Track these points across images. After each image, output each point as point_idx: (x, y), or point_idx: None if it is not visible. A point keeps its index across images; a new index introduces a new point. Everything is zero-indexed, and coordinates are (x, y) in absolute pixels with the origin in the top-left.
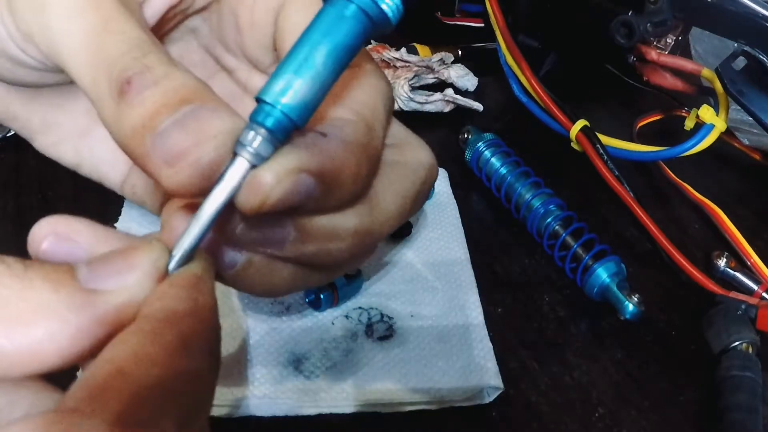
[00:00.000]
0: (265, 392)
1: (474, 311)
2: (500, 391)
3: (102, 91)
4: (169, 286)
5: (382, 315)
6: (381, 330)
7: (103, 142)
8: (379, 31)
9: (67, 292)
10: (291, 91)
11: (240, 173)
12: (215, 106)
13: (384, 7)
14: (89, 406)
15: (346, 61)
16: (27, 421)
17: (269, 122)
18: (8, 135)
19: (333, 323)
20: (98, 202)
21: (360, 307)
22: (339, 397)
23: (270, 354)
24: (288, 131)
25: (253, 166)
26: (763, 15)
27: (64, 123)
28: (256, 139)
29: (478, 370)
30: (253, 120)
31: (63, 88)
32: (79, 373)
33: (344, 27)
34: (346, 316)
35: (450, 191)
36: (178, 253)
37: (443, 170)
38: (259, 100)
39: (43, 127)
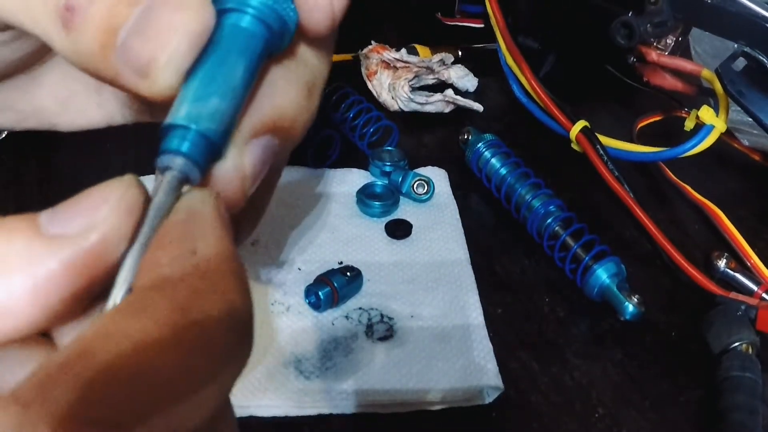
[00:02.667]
0: (265, 392)
1: (474, 312)
2: (500, 392)
3: (48, 28)
4: (155, 240)
5: (382, 315)
6: (381, 330)
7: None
8: (278, 42)
9: (23, 241)
10: (206, 107)
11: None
12: None
13: (281, 13)
14: (35, 396)
15: (253, 73)
16: None
17: (185, 147)
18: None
19: (333, 323)
20: None
21: (360, 308)
22: (339, 398)
23: (270, 354)
24: (207, 156)
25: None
26: (763, 15)
27: (24, 107)
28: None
29: (478, 371)
30: (167, 149)
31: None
32: None
33: (244, 38)
34: (346, 317)
35: (450, 192)
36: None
37: (443, 171)
38: (169, 126)
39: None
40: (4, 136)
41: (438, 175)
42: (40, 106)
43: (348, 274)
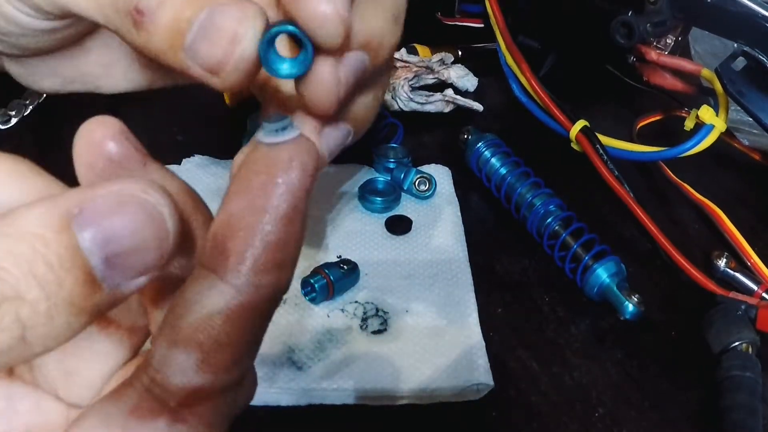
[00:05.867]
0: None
1: (469, 309)
2: (490, 389)
3: (119, 26)
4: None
5: (377, 309)
6: (375, 324)
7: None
8: None
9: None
10: None
11: None
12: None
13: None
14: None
15: None
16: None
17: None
18: (9, 127)
19: (328, 316)
20: None
21: (356, 301)
22: (330, 389)
23: (264, 344)
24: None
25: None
26: (763, 15)
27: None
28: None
29: (469, 367)
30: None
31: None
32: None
33: None
34: (342, 310)
35: (452, 190)
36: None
37: (446, 169)
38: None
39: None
40: (12, 125)
41: (441, 173)
42: (86, 71)
43: (344, 267)
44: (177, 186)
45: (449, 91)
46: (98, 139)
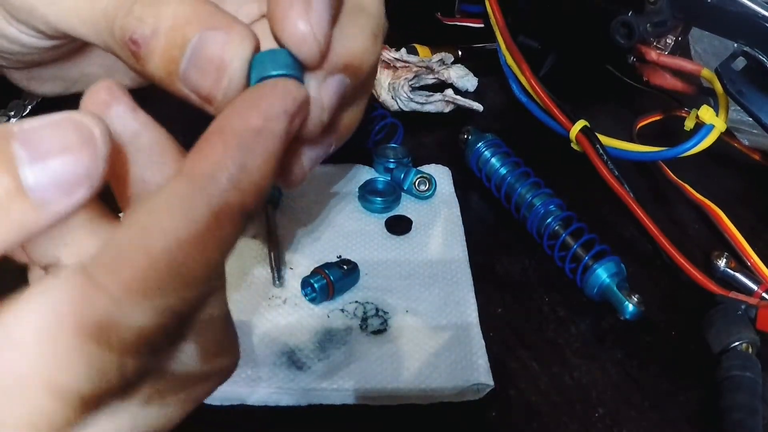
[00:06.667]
0: (258, 382)
1: (469, 309)
2: (490, 389)
3: (118, 52)
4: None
5: (377, 309)
6: (375, 324)
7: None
8: None
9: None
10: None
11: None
12: (215, 25)
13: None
14: (107, 278)
15: None
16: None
17: None
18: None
19: (328, 316)
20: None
21: (356, 301)
22: (330, 389)
23: (264, 344)
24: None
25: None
26: (763, 15)
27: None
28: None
29: (470, 367)
30: None
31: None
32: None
33: None
34: (342, 310)
35: (452, 190)
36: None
37: (446, 169)
38: None
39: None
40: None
41: (441, 173)
42: (88, 72)
43: (344, 267)
44: (145, 122)
45: (449, 91)
46: (103, 98)
